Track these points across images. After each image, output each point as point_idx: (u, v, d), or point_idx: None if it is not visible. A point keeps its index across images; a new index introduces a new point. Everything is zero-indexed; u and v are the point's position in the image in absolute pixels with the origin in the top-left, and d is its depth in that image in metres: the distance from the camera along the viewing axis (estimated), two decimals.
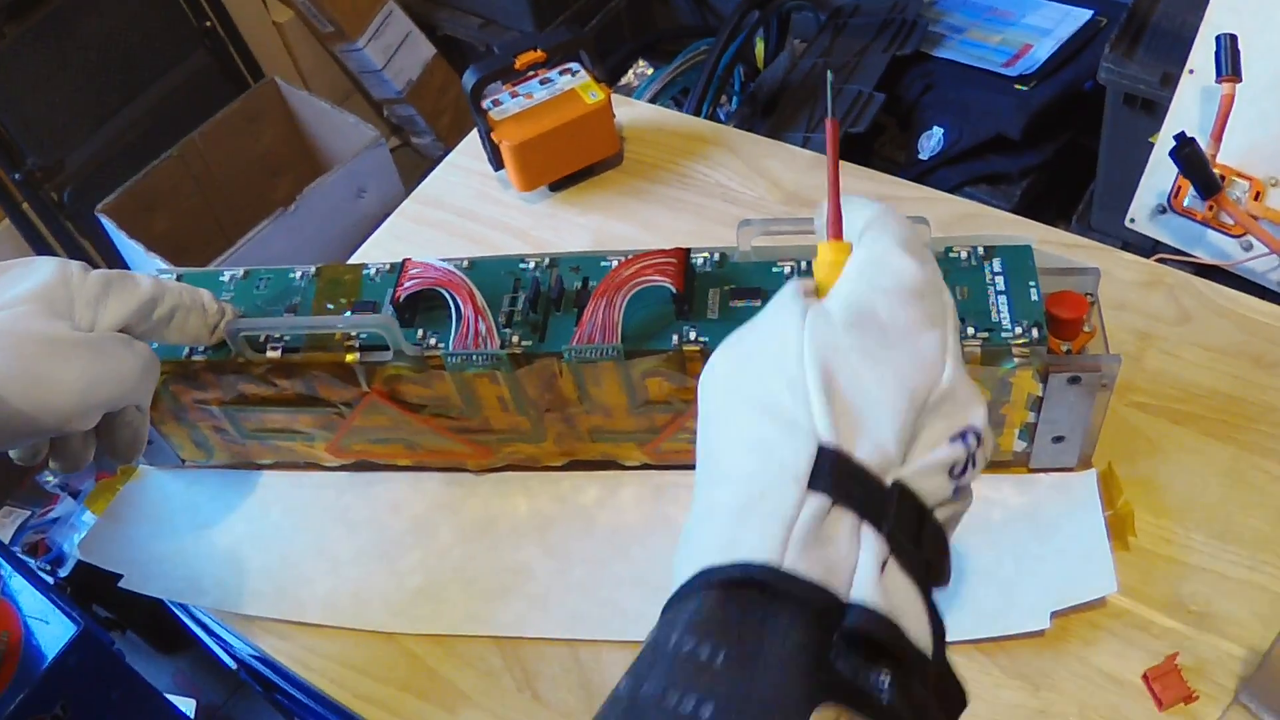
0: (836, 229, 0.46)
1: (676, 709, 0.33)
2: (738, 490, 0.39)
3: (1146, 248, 1.15)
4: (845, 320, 0.41)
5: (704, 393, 0.44)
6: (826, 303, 0.43)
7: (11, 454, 0.59)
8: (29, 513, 1.68)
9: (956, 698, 0.39)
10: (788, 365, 0.40)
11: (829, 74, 0.55)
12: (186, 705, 1.59)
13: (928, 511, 0.39)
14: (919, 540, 0.38)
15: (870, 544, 0.37)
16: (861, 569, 0.36)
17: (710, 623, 0.35)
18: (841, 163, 0.94)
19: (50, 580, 1.51)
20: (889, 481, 0.38)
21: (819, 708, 0.34)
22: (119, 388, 0.57)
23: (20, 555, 1.53)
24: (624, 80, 1.88)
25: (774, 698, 0.34)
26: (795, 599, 0.35)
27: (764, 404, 0.40)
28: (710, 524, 0.39)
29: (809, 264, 0.65)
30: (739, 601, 0.36)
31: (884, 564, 0.37)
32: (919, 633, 0.37)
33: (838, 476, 0.38)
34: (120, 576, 0.74)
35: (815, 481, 0.37)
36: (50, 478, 1.68)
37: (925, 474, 0.39)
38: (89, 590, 1.52)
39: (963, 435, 0.40)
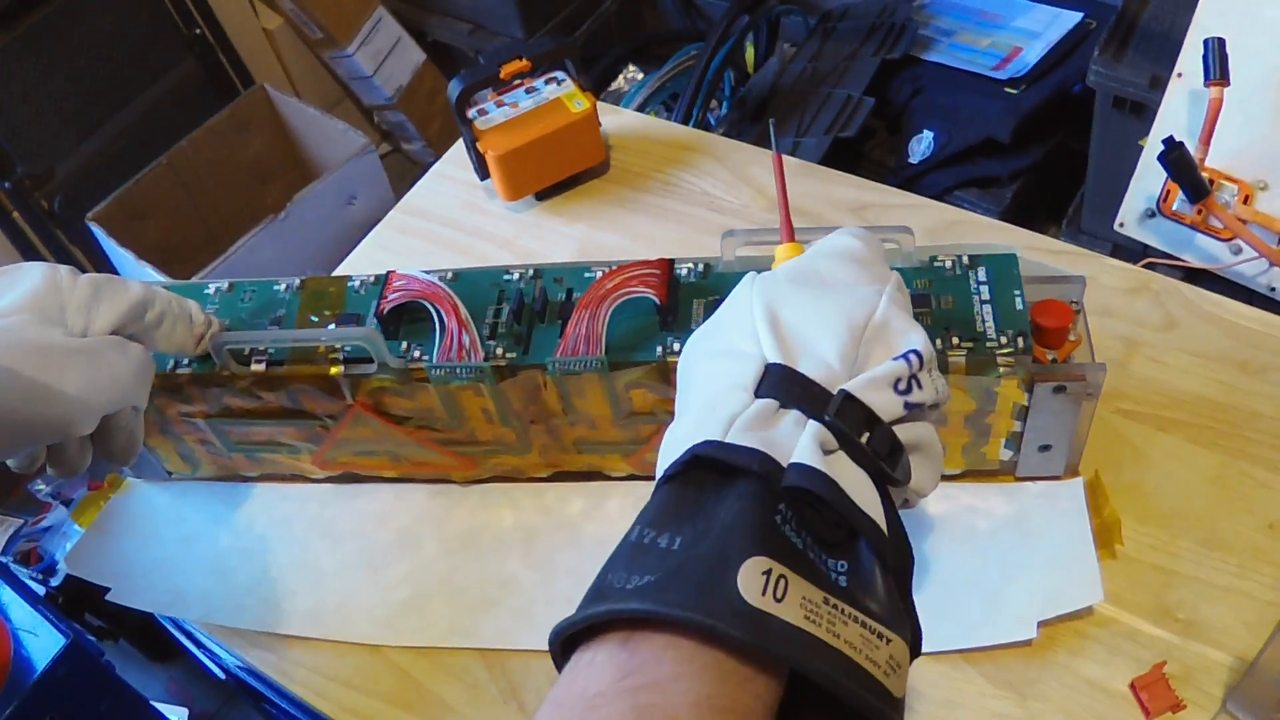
0: (789, 233, 0.55)
1: (636, 587, 0.36)
2: (696, 412, 0.43)
3: (1136, 251, 1.15)
4: (788, 277, 0.47)
5: (679, 367, 0.49)
6: (777, 269, 0.49)
7: (9, 462, 0.59)
8: (21, 521, 1.67)
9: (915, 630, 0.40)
10: (740, 316, 0.46)
11: (771, 121, 0.60)
12: (179, 714, 1.59)
13: (877, 418, 0.42)
14: (869, 441, 0.41)
15: (812, 428, 0.40)
16: (802, 443, 0.39)
17: (662, 511, 0.39)
18: (829, 170, 0.95)
19: (42, 589, 1.50)
20: (835, 392, 0.42)
21: (749, 559, 0.35)
22: (116, 391, 0.57)
23: (11, 565, 1.53)
24: (614, 85, 1.88)
25: (712, 556, 0.36)
26: (740, 469, 0.38)
27: (721, 349, 0.45)
28: (672, 444, 0.42)
29: None
30: (689, 484, 0.39)
31: (829, 451, 0.40)
32: (870, 507, 0.39)
33: (782, 383, 0.42)
34: (107, 589, 0.74)
35: (761, 390, 0.42)
36: (42, 486, 1.67)
37: (870, 386, 0.42)
38: (81, 599, 1.51)
39: (904, 355, 0.43)
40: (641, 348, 0.63)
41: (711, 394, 0.43)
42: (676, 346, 0.62)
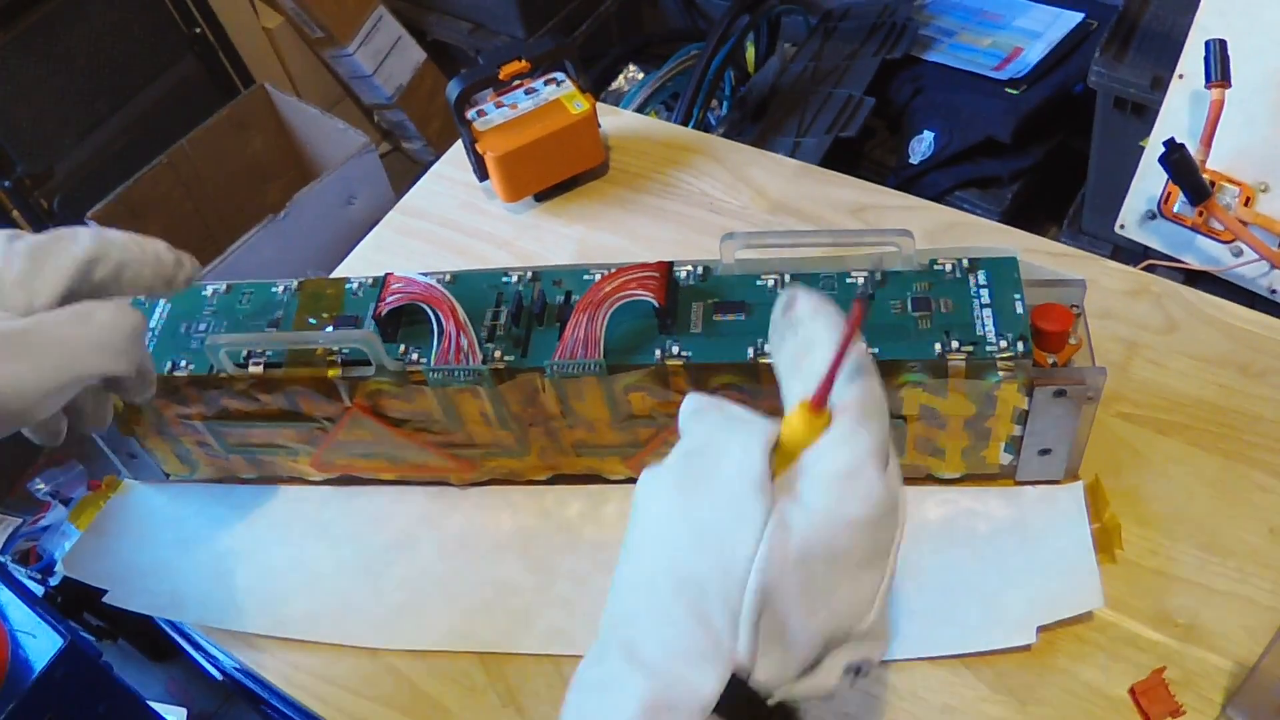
0: (822, 402, 0.43)
1: None
2: (651, 685, 0.40)
3: (1137, 253, 1.15)
4: (801, 552, 0.40)
5: (644, 510, 0.45)
6: (792, 513, 0.41)
7: (29, 435, 0.55)
8: (20, 521, 1.67)
9: None
10: (730, 581, 0.40)
11: (875, 274, 0.55)
12: (178, 714, 1.59)
13: (795, 714, 0.42)
14: None
15: None
16: None
17: None
18: (828, 171, 0.94)
19: (41, 589, 1.50)
20: (773, 701, 0.41)
21: None
22: (70, 371, 0.51)
23: (10, 565, 1.53)
24: (614, 85, 1.87)
25: None
26: None
27: (698, 605, 0.41)
28: (619, 698, 0.41)
29: (791, 277, 0.65)
30: None
31: None
32: None
33: (736, 704, 0.40)
34: (105, 591, 0.74)
35: (717, 707, 0.40)
36: (41, 485, 1.67)
37: (807, 693, 0.41)
38: (80, 599, 1.51)
39: (857, 669, 0.42)
40: (640, 351, 0.63)
41: (671, 684, 0.40)
42: (675, 350, 0.62)
